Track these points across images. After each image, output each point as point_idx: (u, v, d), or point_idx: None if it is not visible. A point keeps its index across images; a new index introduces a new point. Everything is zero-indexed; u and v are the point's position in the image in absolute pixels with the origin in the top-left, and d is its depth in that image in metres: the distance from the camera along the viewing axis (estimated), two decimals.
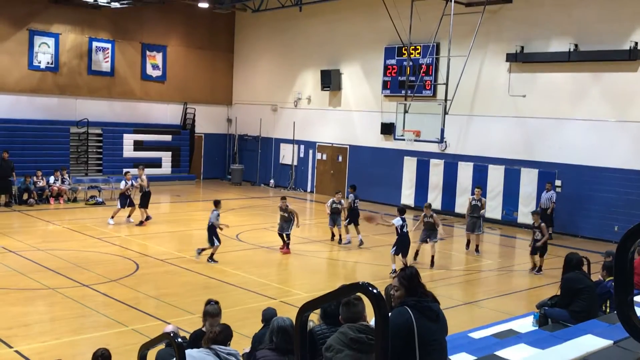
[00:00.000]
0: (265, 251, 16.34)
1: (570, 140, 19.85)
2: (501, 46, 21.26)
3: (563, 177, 20.03)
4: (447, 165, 22.92)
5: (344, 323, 4.44)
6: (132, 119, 28.40)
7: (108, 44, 27.68)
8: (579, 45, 19.45)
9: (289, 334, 5.27)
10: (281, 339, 5.31)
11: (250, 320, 9.08)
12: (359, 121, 26.06)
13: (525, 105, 20.85)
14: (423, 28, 21.52)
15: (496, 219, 21.45)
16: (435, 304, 4.61)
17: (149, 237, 17.26)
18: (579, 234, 19.66)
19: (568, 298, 8.05)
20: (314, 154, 28.01)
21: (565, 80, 20.02)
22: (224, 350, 5.57)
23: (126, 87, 28.40)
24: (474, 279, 14.59)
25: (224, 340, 5.68)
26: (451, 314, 8.77)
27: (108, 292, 11.89)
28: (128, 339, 9.37)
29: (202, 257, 14.76)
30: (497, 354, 6.08)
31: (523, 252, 18.52)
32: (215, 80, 31.20)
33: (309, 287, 12.82)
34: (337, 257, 16.23)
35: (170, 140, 29.02)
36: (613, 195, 18.87)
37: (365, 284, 2.98)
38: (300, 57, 28.33)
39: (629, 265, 2.26)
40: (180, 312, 10.81)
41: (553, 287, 10.65)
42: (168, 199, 25.55)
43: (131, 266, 13.94)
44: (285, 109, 29.25)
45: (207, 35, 30.52)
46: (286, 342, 5.27)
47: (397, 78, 24.19)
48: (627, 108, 18.69)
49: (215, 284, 12.85)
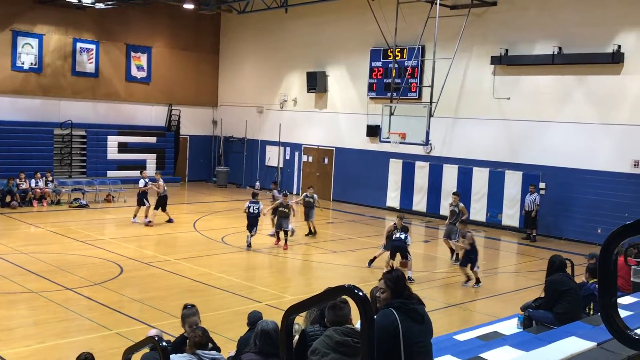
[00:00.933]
0: (251, 254, 16.29)
1: (554, 143, 19.98)
2: (486, 49, 21.38)
3: (547, 179, 20.17)
4: (432, 168, 23.00)
5: (329, 326, 4.43)
6: (116, 121, 28.24)
7: (92, 44, 27.51)
8: (563, 48, 19.60)
9: (272, 337, 5.25)
10: (264, 343, 5.28)
11: (236, 324, 9.05)
12: (345, 123, 26.09)
13: (509, 108, 20.97)
14: (408, 30, 21.59)
15: (481, 221, 21.56)
16: (420, 306, 4.63)
17: (133, 240, 17.16)
18: (562, 236, 19.80)
19: (552, 300, 8.09)
20: (299, 156, 28.00)
21: (549, 83, 20.16)
22: (208, 355, 5.54)
23: (111, 88, 28.23)
24: (459, 281, 14.63)
25: (206, 344, 5.65)
26: (436, 316, 8.80)
27: (92, 296, 11.80)
28: (112, 343, 9.30)
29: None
30: (481, 356, 6.09)
31: (508, 255, 18.64)
32: (201, 82, 31.10)
33: (295, 290, 12.81)
34: (323, 259, 16.21)
35: (155, 142, 28.87)
36: (596, 198, 19.02)
37: (351, 286, 2.97)
38: (286, 59, 28.32)
39: (613, 267, 2.27)
40: (165, 315, 10.75)
41: (537, 289, 10.70)
42: (152, 202, 25.39)
43: (115, 269, 13.84)
44: (271, 111, 29.21)
45: (192, 36, 30.42)
46: (270, 345, 5.25)
47: (383, 80, 24.24)
48: (610, 111, 18.85)
49: (200, 287, 12.79)
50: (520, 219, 20.40)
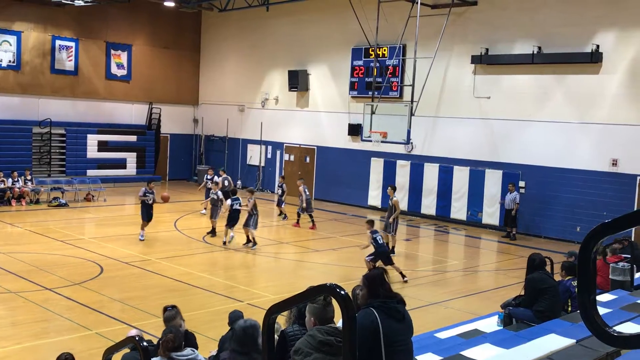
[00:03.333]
0: (232, 253, 16.25)
1: (533, 142, 20.15)
2: (466, 48, 21.50)
3: (527, 178, 20.33)
4: (414, 167, 23.08)
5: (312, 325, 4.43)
6: (96, 119, 28.01)
7: (72, 42, 27.25)
8: (542, 48, 19.77)
9: (249, 335, 5.22)
10: (241, 342, 5.25)
11: (217, 323, 9.02)
12: (327, 122, 26.10)
13: (489, 107, 21.10)
14: (390, 29, 21.64)
15: (461, 220, 21.68)
16: (401, 305, 4.64)
17: (113, 239, 17.03)
18: (542, 235, 19.97)
19: (532, 298, 8.15)
20: (281, 154, 27.96)
21: (529, 82, 20.32)
22: (182, 357, 5.49)
23: (90, 86, 27.99)
24: (440, 279, 14.72)
25: (179, 346, 5.57)
26: (417, 314, 8.83)
27: (71, 296, 11.70)
28: (92, 343, 9.22)
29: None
30: (462, 353, 6.13)
31: (488, 253, 18.78)
32: (181, 80, 30.94)
33: (276, 289, 12.79)
34: (305, 258, 16.21)
35: (136, 141, 28.68)
36: (575, 196, 19.21)
37: (332, 285, 2.98)
38: (268, 58, 28.26)
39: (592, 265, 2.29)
40: (146, 315, 10.68)
41: (517, 287, 10.79)
42: (133, 201, 25.24)
43: (95, 269, 13.73)
44: (252, 110, 29.14)
45: (173, 34, 30.25)
46: (246, 344, 5.22)
47: (364, 79, 24.28)
48: (589, 110, 19.05)
49: (181, 287, 12.73)
50: (500, 218, 20.54)
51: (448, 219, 22.01)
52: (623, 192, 18.26)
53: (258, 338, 5.19)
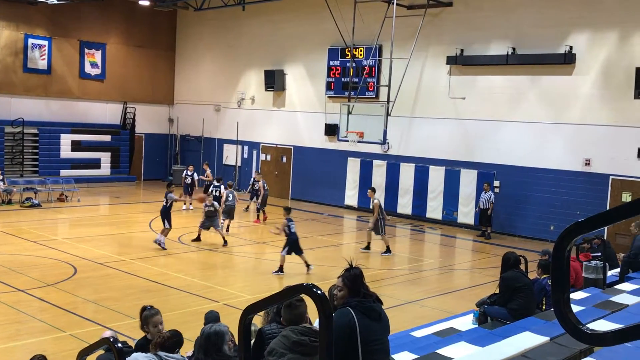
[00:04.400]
0: (207, 253, 16.16)
1: (508, 142, 20.34)
2: (442, 49, 21.63)
3: (501, 177, 20.52)
4: (390, 166, 23.17)
5: (286, 325, 4.42)
6: (69, 119, 27.67)
7: (45, 41, 26.89)
8: (517, 49, 19.96)
9: (212, 343, 5.18)
10: (204, 349, 5.21)
11: (193, 324, 8.94)
12: (303, 122, 26.09)
13: (465, 108, 21.26)
14: (366, 30, 21.70)
15: (437, 219, 21.81)
16: (377, 304, 4.65)
17: (87, 240, 16.83)
18: (516, 234, 20.17)
19: (506, 296, 8.23)
20: (258, 154, 27.88)
21: (503, 83, 20.51)
22: (170, 358, 5.44)
23: (64, 85, 27.65)
24: (416, 278, 14.79)
25: (172, 346, 5.52)
26: (394, 313, 8.87)
27: (44, 297, 11.55)
28: (66, 345, 9.11)
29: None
30: (438, 352, 6.16)
31: (463, 252, 18.91)
32: (156, 79, 30.70)
33: (253, 289, 12.76)
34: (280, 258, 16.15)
35: (110, 141, 28.40)
36: (549, 196, 19.43)
37: (309, 285, 2.97)
38: (244, 57, 28.17)
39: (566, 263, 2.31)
40: (120, 316, 10.58)
41: (492, 286, 10.88)
42: (107, 201, 25.01)
43: (69, 270, 13.57)
44: (228, 109, 29.02)
45: (148, 33, 30.00)
46: (209, 351, 5.17)
47: (341, 79, 24.31)
48: (562, 110, 19.27)
49: (156, 287, 12.63)
50: (475, 217, 20.70)
51: (424, 218, 22.13)
52: (596, 191, 18.51)
53: (222, 345, 5.14)
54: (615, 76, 18.18)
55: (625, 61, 17.97)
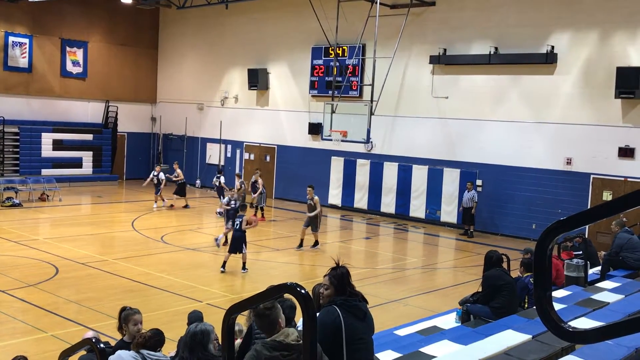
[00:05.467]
0: (190, 253, 16.09)
1: (490, 141, 20.46)
2: (425, 48, 21.71)
3: (483, 176, 20.63)
4: (373, 165, 23.21)
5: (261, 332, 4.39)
6: (51, 117, 27.42)
7: (25, 38, 26.61)
8: (499, 49, 20.09)
9: (197, 342, 5.17)
10: (189, 348, 5.20)
11: (176, 324, 8.91)
12: (287, 121, 26.06)
13: (447, 107, 21.35)
14: (349, 29, 21.71)
15: (420, 218, 21.89)
16: (362, 303, 4.67)
17: (69, 240, 16.69)
18: (498, 232, 20.30)
19: (489, 294, 8.28)
20: (241, 153, 27.81)
21: (486, 82, 20.62)
22: (154, 356, 5.42)
23: (45, 84, 27.38)
24: (399, 277, 14.84)
25: (154, 345, 5.51)
26: (378, 311, 8.89)
27: (26, 298, 11.44)
28: (47, 346, 9.03)
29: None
30: (421, 350, 6.19)
31: (446, 250, 19.00)
32: (139, 78, 30.50)
33: (236, 289, 12.72)
34: (265, 257, 16.14)
35: (92, 140, 28.17)
36: (531, 194, 19.57)
37: (293, 284, 2.97)
38: (227, 56, 28.07)
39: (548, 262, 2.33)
40: (103, 316, 10.51)
41: (475, 284, 10.94)
42: (89, 200, 24.82)
43: (50, 270, 13.45)
44: (211, 108, 28.91)
45: (130, 31, 29.79)
46: (194, 350, 5.16)
47: (324, 78, 24.32)
48: (543, 110, 19.42)
49: (139, 287, 12.56)
50: (458, 216, 20.80)
51: (407, 217, 22.19)
52: (577, 190, 18.68)
53: (208, 344, 5.12)
54: (596, 76, 18.35)
55: (605, 61, 18.15)
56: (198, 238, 16.86)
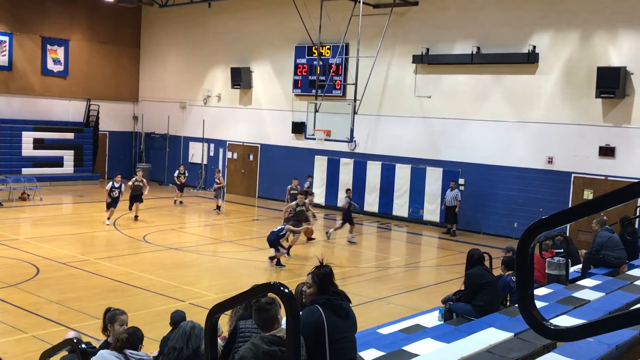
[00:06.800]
0: (173, 253, 16.02)
1: (472, 140, 20.57)
2: (408, 48, 21.77)
3: (466, 175, 20.74)
4: (357, 164, 23.25)
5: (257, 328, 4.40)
6: (31, 116, 27.16)
7: (5, 36, 26.32)
8: (481, 48, 20.20)
9: (196, 333, 5.21)
10: (187, 339, 5.24)
11: (159, 324, 8.86)
12: (270, 120, 26.01)
13: (430, 106, 21.43)
14: (333, 28, 21.72)
15: (403, 217, 21.96)
16: (345, 302, 4.67)
17: (50, 239, 16.54)
18: (481, 231, 20.42)
19: (472, 293, 8.31)
20: (224, 152, 27.72)
21: (468, 81, 20.73)
22: (135, 355, 5.41)
23: (25, 82, 27.11)
24: (382, 275, 14.87)
25: (134, 344, 5.50)
26: (360, 310, 8.90)
27: (5, 298, 11.31)
28: (28, 347, 8.94)
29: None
30: (404, 348, 6.20)
31: (429, 249, 19.07)
32: (121, 76, 30.29)
33: (219, 289, 12.68)
34: (248, 257, 16.10)
35: (73, 138, 27.95)
36: (513, 193, 19.71)
37: (276, 283, 2.96)
38: (210, 54, 27.96)
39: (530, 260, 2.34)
40: (84, 316, 10.42)
41: (457, 283, 11.00)
42: (70, 200, 24.61)
43: (31, 270, 13.31)
44: (194, 107, 28.79)
45: (112, 29, 29.57)
46: (194, 340, 5.21)
47: (308, 77, 24.31)
48: (525, 109, 19.56)
49: (121, 287, 12.47)
50: (441, 214, 20.89)
51: (390, 215, 22.25)
52: (558, 189, 18.84)
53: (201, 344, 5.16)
54: (577, 75, 18.51)
55: (586, 61, 18.31)
56: (180, 237, 16.79)
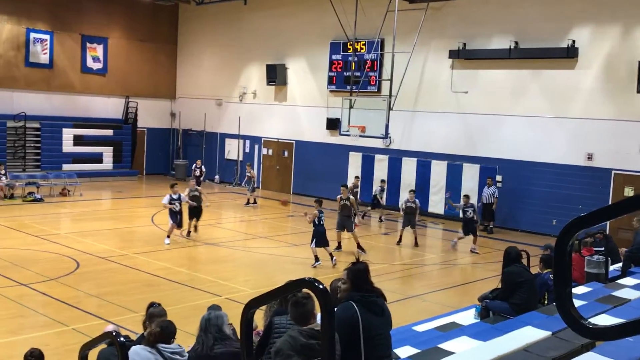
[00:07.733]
0: (210, 248, 16.18)
1: (510, 136, 20.31)
2: (444, 43, 21.58)
3: (503, 172, 20.49)
4: (392, 161, 23.16)
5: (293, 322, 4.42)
6: (71, 113, 27.68)
7: (46, 35, 26.87)
8: (519, 43, 19.91)
9: (212, 322, 5.37)
10: (205, 330, 5.37)
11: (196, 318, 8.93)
12: (305, 116, 26.06)
13: (467, 102, 21.22)
14: (368, 24, 21.65)
15: (439, 214, 21.80)
16: (380, 299, 4.67)
17: (90, 234, 16.86)
18: (518, 228, 20.16)
19: (509, 291, 8.22)
20: (259, 149, 27.88)
21: (506, 77, 20.46)
22: (169, 349, 5.48)
23: (65, 79, 27.64)
24: (417, 272, 14.80)
25: (167, 338, 5.57)
26: (395, 307, 8.87)
27: (47, 291, 11.57)
28: (68, 339, 9.13)
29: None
30: (440, 346, 6.16)
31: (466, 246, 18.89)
32: (158, 74, 30.67)
33: (255, 284, 12.77)
34: (283, 253, 16.19)
35: (112, 135, 28.40)
36: (551, 190, 19.41)
37: (311, 279, 2.97)
38: (246, 51, 28.13)
39: (568, 258, 2.31)
40: (123, 310, 10.60)
41: (494, 280, 10.88)
42: (110, 195, 25.04)
43: (71, 264, 13.59)
44: (230, 104, 29.00)
45: (149, 27, 29.96)
46: (211, 329, 5.34)
47: (343, 73, 24.28)
48: (564, 104, 19.24)
49: (159, 282, 12.65)
50: (478, 211, 20.64)
51: (426, 212, 22.09)
52: (598, 186, 18.49)
53: (222, 325, 5.34)
54: (618, 70, 18.13)
55: (627, 55, 17.92)
56: (217, 233, 16.94)
